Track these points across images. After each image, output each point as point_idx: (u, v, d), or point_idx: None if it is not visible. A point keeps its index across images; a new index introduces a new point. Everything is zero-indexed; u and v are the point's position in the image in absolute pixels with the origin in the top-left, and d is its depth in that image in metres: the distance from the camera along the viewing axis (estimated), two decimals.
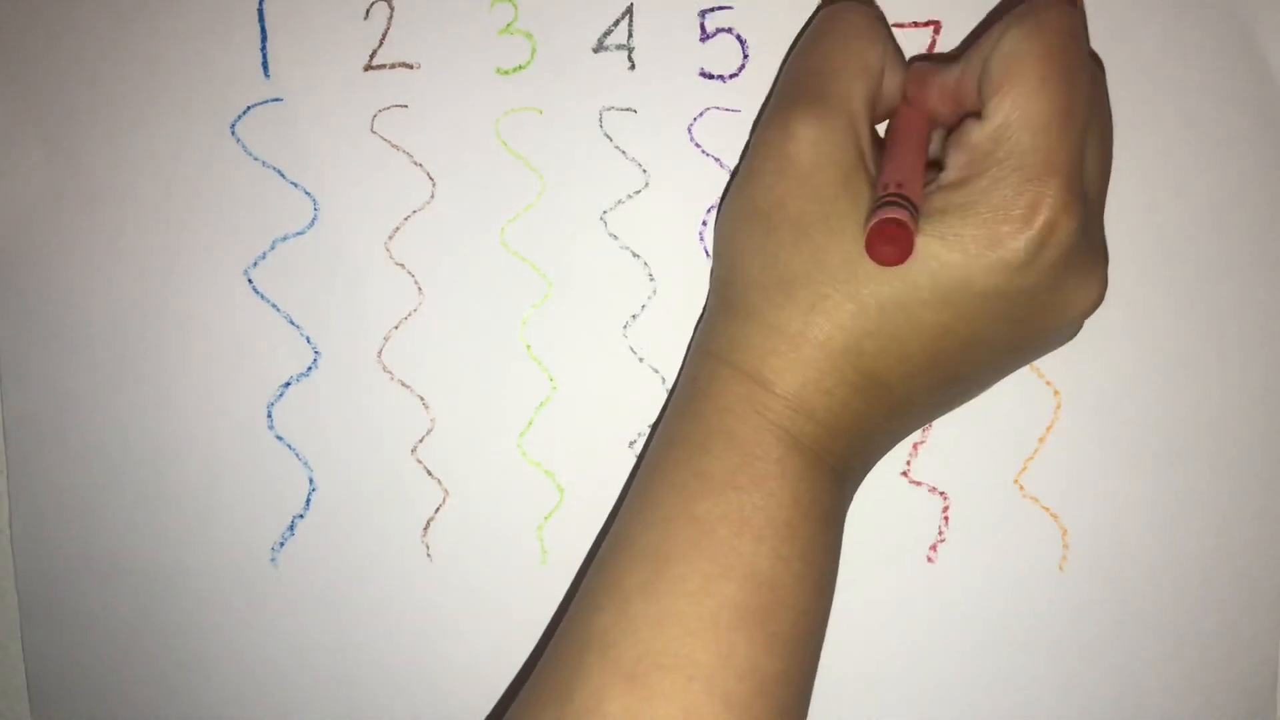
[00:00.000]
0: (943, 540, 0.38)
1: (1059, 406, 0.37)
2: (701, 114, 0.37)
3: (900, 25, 0.36)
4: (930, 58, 0.36)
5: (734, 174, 0.36)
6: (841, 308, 0.29)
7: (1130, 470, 0.37)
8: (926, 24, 0.36)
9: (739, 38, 0.37)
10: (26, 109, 0.37)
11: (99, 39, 0.37)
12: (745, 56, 0.37)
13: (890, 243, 0.28)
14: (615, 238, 0.37)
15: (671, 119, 0.37)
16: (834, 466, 0.31)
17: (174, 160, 0.37)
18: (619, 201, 0.37)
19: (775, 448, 0.30)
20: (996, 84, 0.29)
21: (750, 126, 0.37)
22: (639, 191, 0.37)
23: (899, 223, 0.28)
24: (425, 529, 0.38)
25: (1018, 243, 0.28)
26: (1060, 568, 0.38)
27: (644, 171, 0.37)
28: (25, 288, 0.37)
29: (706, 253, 0.37)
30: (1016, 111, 0.29)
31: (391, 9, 0.37)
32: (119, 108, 0.37)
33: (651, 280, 0.37)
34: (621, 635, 0.29)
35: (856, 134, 0.31)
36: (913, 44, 0.36)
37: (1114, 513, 0.38)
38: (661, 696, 0.28)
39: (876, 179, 0.31)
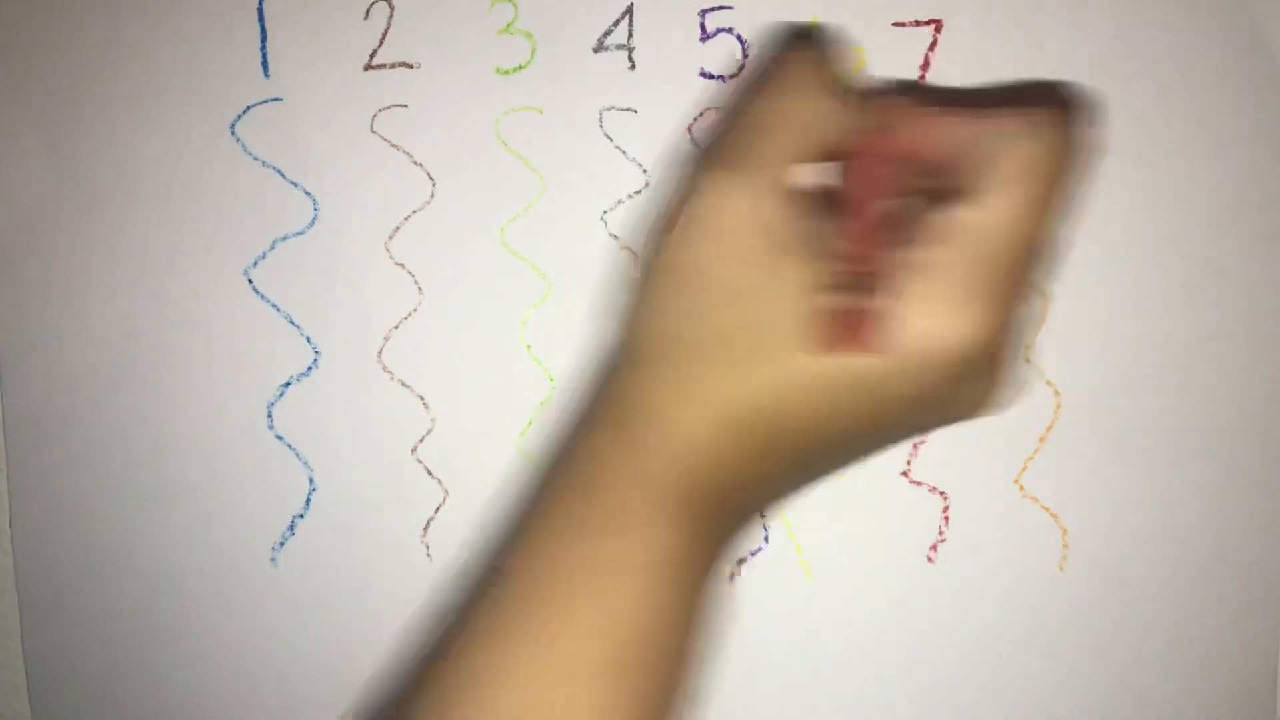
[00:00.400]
0: (943, 540, 0.38)
1: (1059, 406, 0.37)
2: (702, 114, 0.37)
3: (901, 24, 0.36)
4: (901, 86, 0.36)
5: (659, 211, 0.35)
6: (746, 379, 0.28)
7: (1130, 470, 0.37)
8: (928, 22, 0.36)
9: (739, 38, 0.37)
10: (26, 109, 0.37)
11: (99, 38, 0.37)
12: (745, 56, 0.37)
13: (845, 340, 0.26)
14: (616, 238, 0.37)
15: (672, 119, 0.37)
16: (709, 519, 0.30)
17: (174, 160, 0.37)
18: (619, 201, 0.37)
19: (639, 498, 0.29)
20: (1004, 179, 0.28)
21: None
22: (639, 191, 0.37)
23: (858, 314, 0.26)
24: (425, 529, 0.38)
25: (944, 350, 0.28)
26: (1060, 568, 0.38)
27: (644, 171, 0.37)
28: (25, 287, 0.37)
29: None
30: (1014, 217, 0.28)
31: (391, 8, 0.37)
32: (119, 107, 0.37)
33: None
34: (489, 681, 0.28)
35: (782, 197, 0.29)
36: (914, 43, 0.36)
37: (1114, 513, 0.38)
38: None
39: (834, 238, 0.29)
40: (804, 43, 0.32)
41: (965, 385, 0.29)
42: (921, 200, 0.31)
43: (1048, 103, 0.30)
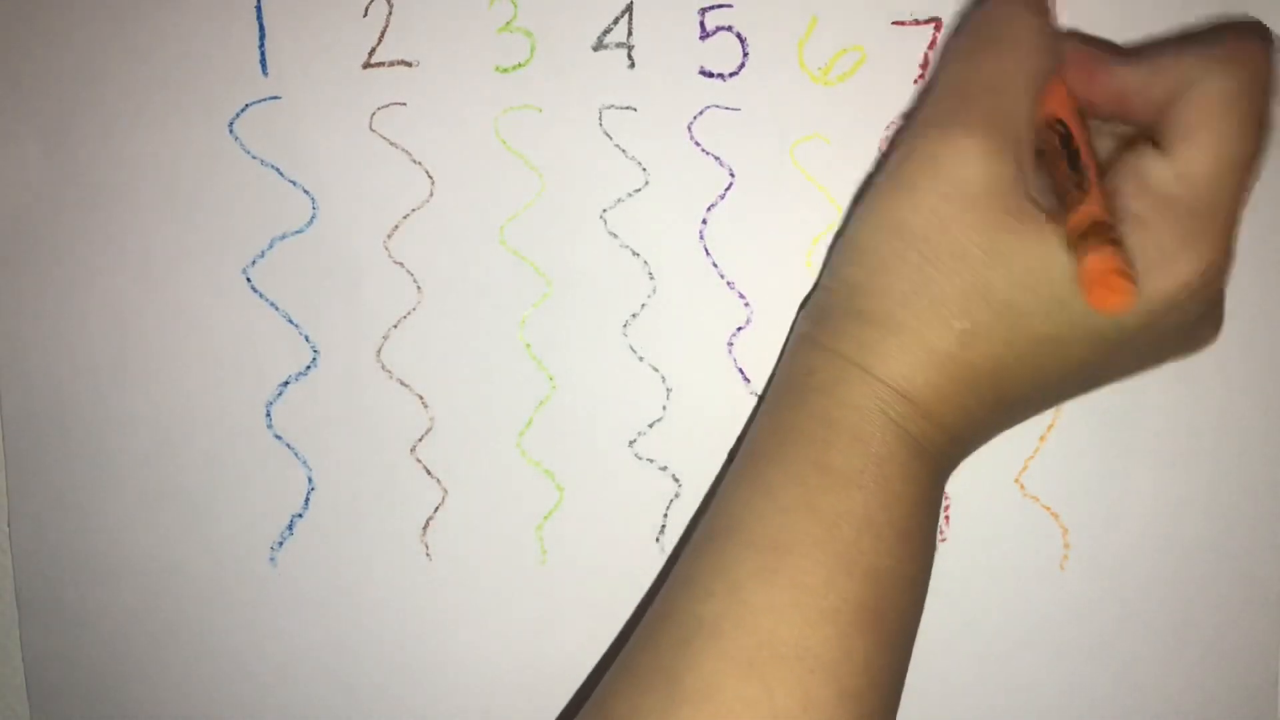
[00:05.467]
0: (943, 540, 0.38)
1: (1059, 406, 0.37)
2: (701, 112, 0.37)
3: (901, 23, 0.36)
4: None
5: (878, 169, 0.34)
6: (997, 336, 0.30)
7: (1130, 470, 0.37)
8: (928, 21, 0.36)
9: (739, 36, 0.37)
10: (24, 107, 0.37)
11: (97, 36, 0.37)
12: (745, 54, 0.37)
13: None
14: (615, 236, 0.37)
15: (671, 117, 0.37)
16: (945, 469, 0.32)
17: (172, 158, 0.37)
18: (619, 200, 0.37)
19: (902, 452, 0.30)
20: (1193, 123, 0.29)
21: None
22: (639, 190, 0.37)
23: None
24: (424, 528, 0.38)
25: (1181, 291, 0.29)
26: (1061, 567, 0.38)
27: (644, 170, 0.37)
28: (24, 287, 0.37)
29: (706, 251, 0.37)
30: (1210, 161, 0.29)
31: (390, 6, 0.37)
32: (117, 105, 0.37)
33: (651, 279, 0.37)
34: (737, 622, 0.28)
35: (1024, 159, 0.30)
36: (913, 42, 0.36)
37: (1115, 512, 0.38)
38: (781, 686, 0.27)
39: (1052, 192, 0.30)
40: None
41: (1192, 322, 0.31)
42: (1112, 148, 0.32)
43: (1221, 41, 0.30)
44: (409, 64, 0.37)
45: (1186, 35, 0.36)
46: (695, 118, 0.37)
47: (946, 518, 0.38)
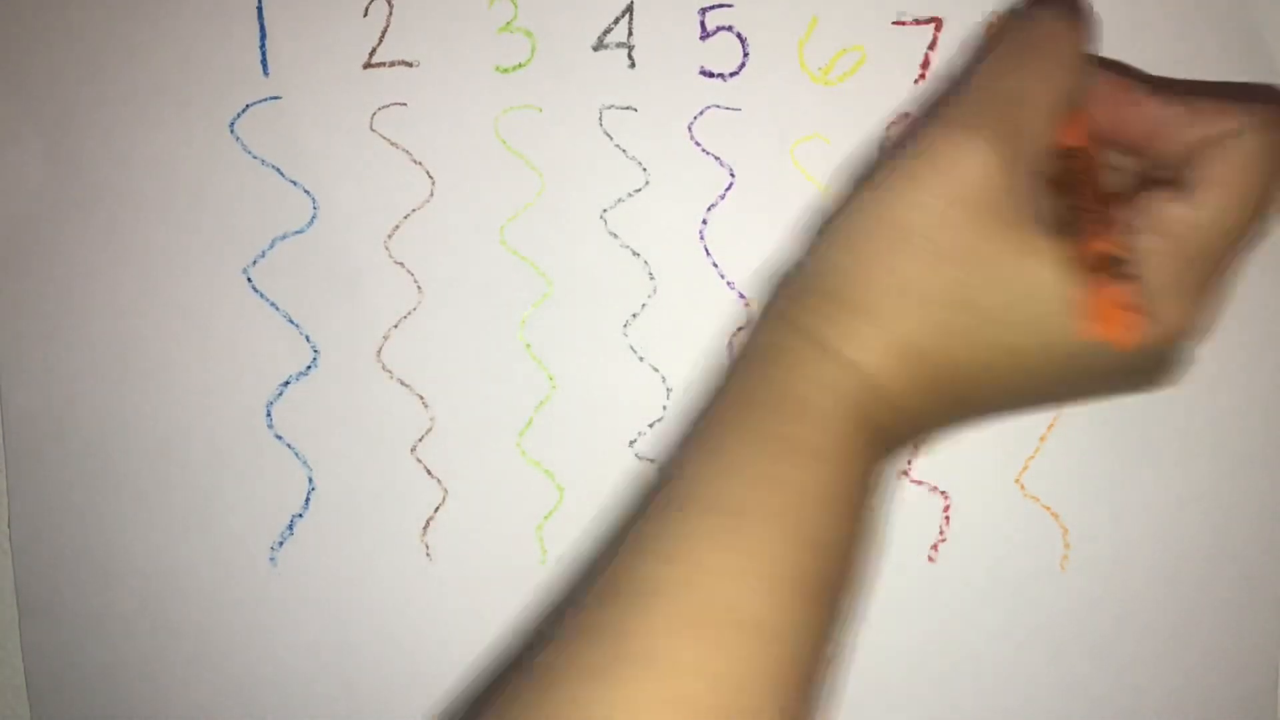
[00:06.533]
0: (944, 540, 0.38)
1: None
2: (702, 112, 0.37)
3: (901, 23, 0.36)
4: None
5: (881, 156, 0.34)
6: (970, 340, 0.30)
7: (1131, 470, 0.37)
8: (928, 21, 0.36)
9: (739, 35, 0.37)
10: (25, 107, 0.37)
11: (98, 36, 0.37)
12: (745, 54, 0.37)
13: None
14: (615, 236, 0.37)
15: (672, 117, 0.37)
16: (895, 453, 0.32)
17: (173, 158, 0.37)
18: (619, 200, 0.37)
19: (860, 434, 0.30)
20: (1226, 177, 0.29)
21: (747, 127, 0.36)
22: (639, 190, 0.37)
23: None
24: (425, 528, 0.38)
25: (1160, 335, 0.29)
26: (1061, 567, 0.38)
27: (644, 170, 0.37)
28: (25, 287, 0.37)
29: (706, 251, 0.37)
30: (1231, 215, 0.29)
31: (391, 7, 0.37)
32: (118, 106, 0.37)
33: (651, 279, 0.37)
34: (687, 584, 0.28)
35: (1030, 174, 0.30)
36: (914, 42, 0.36)
37: (1115, 512, 0.37)
38: (734, 650, 0.27)
39: (1057, 216, 0.30)
40: (1064, 11, 0.32)
41: (1151, 365, 0.31)
42: (1130, 181, 0.32)
43: (1261, 102, 0.30)
44: (409, 64, 0.37)
45: (1225, 83, 0.36)
46: (695, 118, 0.37)
47: (946, 518, 0.38)
